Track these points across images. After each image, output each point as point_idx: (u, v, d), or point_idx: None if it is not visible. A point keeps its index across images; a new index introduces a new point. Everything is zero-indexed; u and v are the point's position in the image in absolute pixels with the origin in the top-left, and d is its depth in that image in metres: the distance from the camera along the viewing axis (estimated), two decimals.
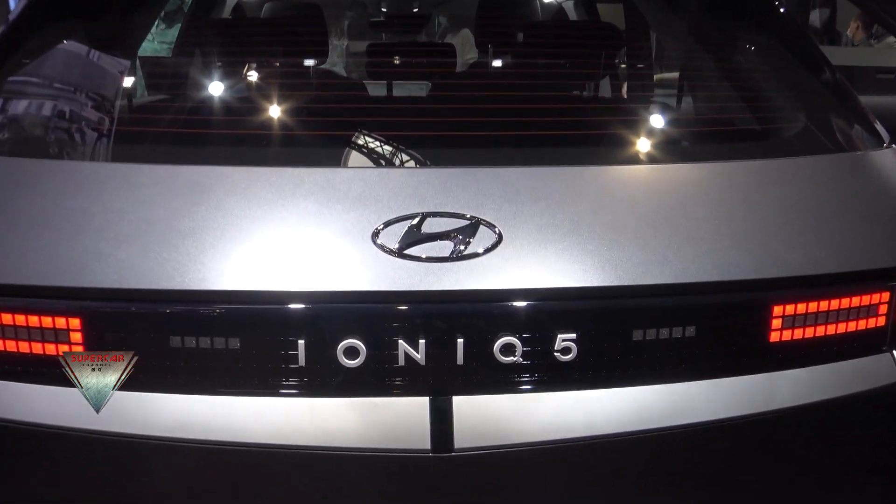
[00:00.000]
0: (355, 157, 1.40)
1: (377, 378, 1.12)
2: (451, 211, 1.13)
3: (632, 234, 1.16)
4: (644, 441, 1.16)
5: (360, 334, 1.09)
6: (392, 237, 1.11)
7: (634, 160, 1.41)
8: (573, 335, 1.11)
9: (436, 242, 1.10)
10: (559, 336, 1.12)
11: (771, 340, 1.18)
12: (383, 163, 1.36)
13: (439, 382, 1.13)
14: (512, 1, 2.79)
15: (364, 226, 1.11)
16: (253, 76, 1.72)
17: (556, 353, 1.12)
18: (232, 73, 1.75)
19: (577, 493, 1.22)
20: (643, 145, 1.46)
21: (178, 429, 1.12)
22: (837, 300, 1.18)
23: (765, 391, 1.20)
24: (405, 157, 1.37)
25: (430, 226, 1.12)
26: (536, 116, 1.51)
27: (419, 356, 1.11)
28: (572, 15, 3.28)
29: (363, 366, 1.10)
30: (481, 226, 1.12)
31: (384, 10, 3.08)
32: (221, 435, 1.12)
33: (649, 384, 1.16)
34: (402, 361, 1.11)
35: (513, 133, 1.44)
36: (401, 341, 1.09)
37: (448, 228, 1.12)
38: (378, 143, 1.41)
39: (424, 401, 1.14)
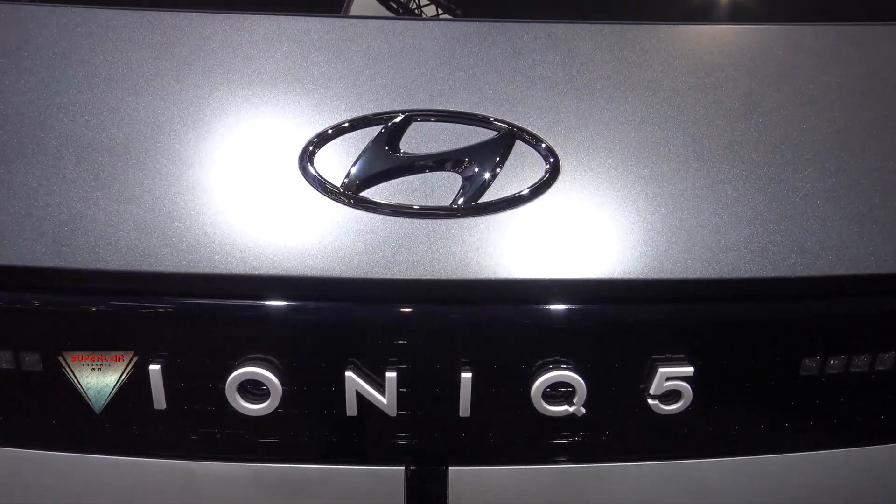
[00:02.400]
0: None
1: (303, 436, 0.69)
2: (458, 109, 0.68)
3: (812, 167, 0.67)
4: None
5: (271, 355, 0.66)
6: (339, 162, 0.66)
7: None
8: (688, 369, 0.66)
9: (425, 175, 0.66)
10: (661, 371, 0.65)
11: None
12: (330, 5, 0.84)
13: (424, 445, 0.70)
14: None
15: (285, 137, 0.67)
16: None
17: (652, 401, 0.67)
18: None
19: None
20: None
21: None
22: None
23: None
24: None
25: (416, 139, 0.67)
26: None
27: (384, 400, 0.66)
28: None
29: (276, 414, 0.66)
30: (518, 142, 0.67)
31: None
32: None
33: (829, 448, 0.74)
34: (351, 409, 0.66)
35: None
36: (350, 373, 0.65)
37: (452, 146, 0.66)
38: None
39: (395, 475, 0.70)
